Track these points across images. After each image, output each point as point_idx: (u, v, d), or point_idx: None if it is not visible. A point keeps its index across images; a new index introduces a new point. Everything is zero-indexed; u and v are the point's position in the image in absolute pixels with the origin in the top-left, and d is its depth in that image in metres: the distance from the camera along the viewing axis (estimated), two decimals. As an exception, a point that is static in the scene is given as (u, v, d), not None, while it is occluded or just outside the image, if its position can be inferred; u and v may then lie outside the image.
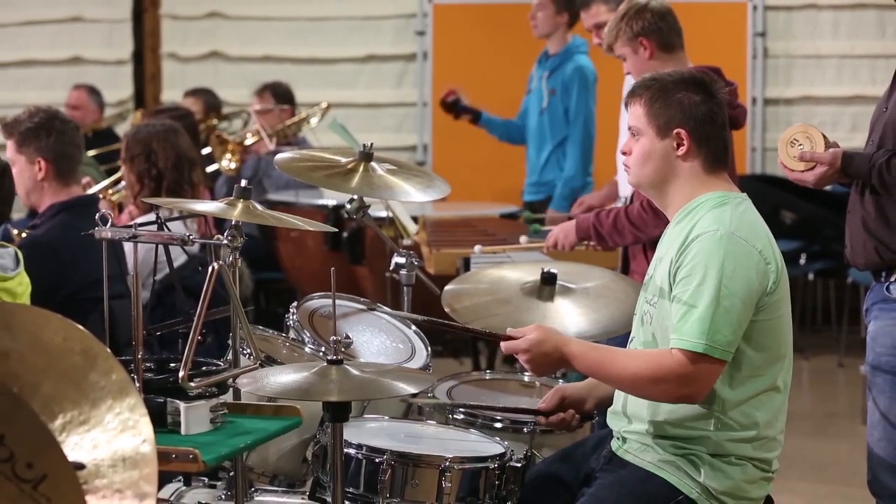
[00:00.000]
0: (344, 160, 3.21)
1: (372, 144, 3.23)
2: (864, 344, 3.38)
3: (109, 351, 1.98)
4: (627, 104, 2.93)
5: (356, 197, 3.63)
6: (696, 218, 2.81)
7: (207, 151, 6.28)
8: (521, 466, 2.90)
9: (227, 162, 6.42)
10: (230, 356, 2.86)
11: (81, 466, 1.89)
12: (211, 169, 6.23)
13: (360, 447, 2.84)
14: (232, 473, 2.93)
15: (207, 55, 8.28)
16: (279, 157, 3.24)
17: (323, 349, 3.16)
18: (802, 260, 7.06)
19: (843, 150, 3.29)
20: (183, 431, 2.59)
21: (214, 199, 5.00)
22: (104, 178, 5.60)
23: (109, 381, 1.95)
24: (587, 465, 2.94)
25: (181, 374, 2.51)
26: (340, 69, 8.14)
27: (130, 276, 2.70)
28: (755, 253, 2.76)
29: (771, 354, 2.80)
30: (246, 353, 2.89)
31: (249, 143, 6.69)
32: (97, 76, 8.10)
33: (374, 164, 3.20)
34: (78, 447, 1.90)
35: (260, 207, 2.83)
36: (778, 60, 7.70)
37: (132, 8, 8.38)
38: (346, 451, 2.77)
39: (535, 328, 2.85)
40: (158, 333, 2.96)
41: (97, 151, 6.64)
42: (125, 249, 3.76)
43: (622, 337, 3.14)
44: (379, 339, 3.41)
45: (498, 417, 3.17)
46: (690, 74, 2.93)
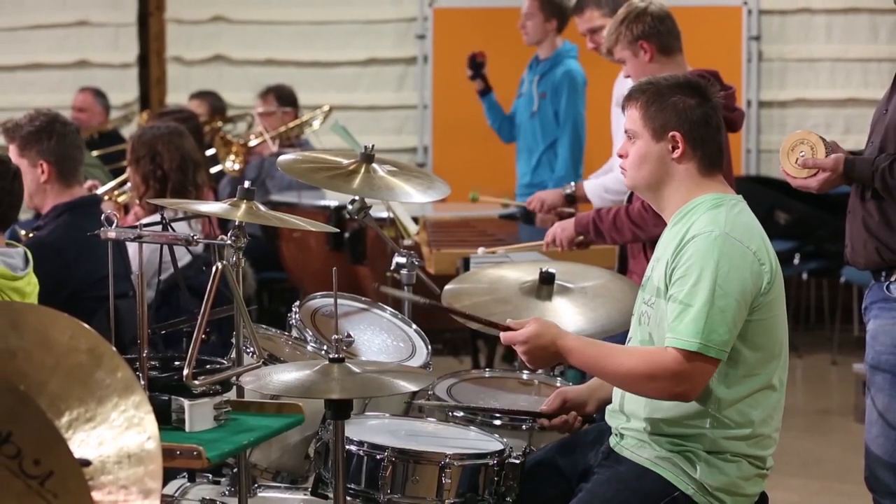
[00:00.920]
0: (345, 162, 3.24)
1: (373, 146, 3.25)
2: (857, 342, 3.41)
3: (115, 349, 2.00)
4: (624, 107, 2.95)
5: (357, 198, 3.64)
6: (692, 219, 2.83)
7: (212, 153, 6.30)
8: (519, 463, 2.91)
9: (230, 163, 6.44)
10: (234, 354, 2.87)
11: (87, 463, 1.91)
12: (215, 170, 6.24)
13: (361, 444, 2.85)
14: (235, 470, 2.95)
15: (212, 59, 8.30)
16: (282, 158, 3.26)
17: (325, 347, 3.18)
18: (796, 260, 7.08)
19: (844, 155, 3.31)
20: (187, 428, 2.60)
21: (218, 200, 5.02)
22: (110, 179, 5.62)
23: (115, 379, 1.97)
24: (585, 460, 2.96)
25: (185, 372, 2.53)
26: (342, 72, 8.15)
27: (135, 275, 2.72)
28: (750, 254, 2.78)
29: (766, 353, 2.82)
30: (249, 351, 2.90)
31: (253, 144, 6.70)
32: (103, 79, 8.13)
33: (375, 165, 3.22)
34: (84, 444, 1.93)
35: (263, 208, 2.85)
36: (772, 64, 7.73)
37: (138, 12, 8.39)
38: (347, 447, 2.77)
39: (533, 321, 2.86)
40: (163, 332, 2.97)
41: (103, 153, 6.66)
42: (129, 249, 3.80)
43: (620, 336, 3.15)
44: (380, 337, 3.43)
45: (497, 414, 3.19)
46: (686, 78, 2.96)
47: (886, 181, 3.22)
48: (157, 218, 3.12)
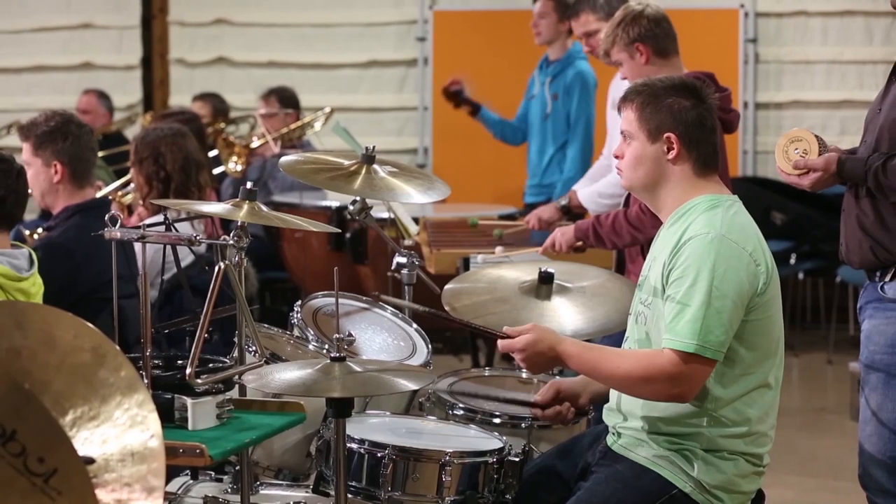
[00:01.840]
0: (347, 163, 3.24)
1: (374, 147, 3.26)
2: (852, 341, 3.43)
3: (119, 348, 2.01)
4: (619, 109, 2.97)
5: (359, 198, 3.65)
6: (688, 221, 2.85)
7: (214, 154, 6.31)
8: (519, 461, 2.92)
9: (233, 164, 6.44)
10: (236, 353, 2.88)
11: (91, 461, 1.91)
12: (217, 171, 6.25)
13: (362, 442, 2.86)
14: (238, 467, 2.96)
15: (214, 61, 8.33)
16: (284, 159, 3.26)
17: (326, 346, 3.19)
18: (792, 260, 7.09)
19: (837, 154, 3.31)
20: (190, 427, 2.62)
21: (221, 200, 5.03)
22: (114, 180, 5.64)
23: (119, 377, 1.97)
24: (583, 459, 2.97)
25: (188, 370, 2.55)
26: (343, 74, 8.17)
27: (140, 275, 2.73)
28: (745, 255, 2.79)
29: (762, 353, 2.83)
30: (251, 350, 2.90)
31: (255, 146, 6.71)
32: (107, 81, 8.15)
33: (376, 166, 3.23)
34: (88, 442, 1.93)
35: (265, 209, 2.86)
36: (769, 66, 7.75)
37: (141, 15, 8.41)
38: (348, 445, 2.78)
39: (531, 328, 2.88)
40: (166, 331, 2.97)
41: (107, 154, 6.67)
42: (136, 251, 3.82)
43: (617, 335, 3.17)
44: (381, 336, 3.44)
45: (497, 413, 3.20)
46: (681, 80, 2.97)
47: (880, 180, 3.22)
48: (160, 218, 3.14)
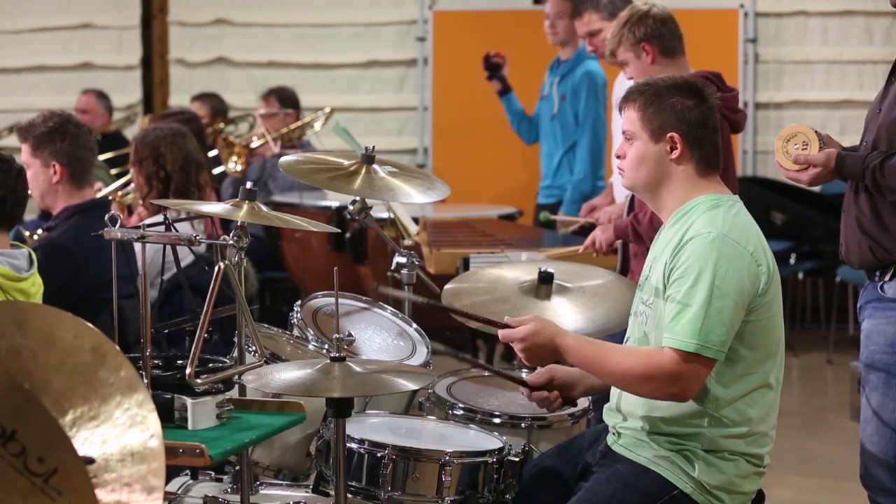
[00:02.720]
0: (346, 163, 3.25)
1: (374, 147, 3.27)
2: (852, 341, 3.43)
3: (118, 348, 2.01)
4: (622, 109, 2.97)
5: (358, 198, 3.65)
6: (690, 220, 2.84)
7: (214, 154, 6.32)
8: (518, 461, 2.93)
9: (233, 164, 6.45)
10: (236, 353, 2.89)
11: (91, 461, 1.91)
12: (217, 171, 6.26)
13: (362, 442, 2.87)
14: (238, 467, 2.96)
15: (214, 61, 8.33)
16: (284, 159, 3.27)
17: (326, 346, 3.20)
18: (792, 260, 7.09)
19: (836, 150, 3.31)
20: (190, 427, 2.62)
21: (221, 200, 5.03)
22: (113, 180, 5.64)
23: (118, 377, 1.97)
24: (584, 459, 2.97)
25: (188, 370, 2.55)
26: (343, 74, 8.18)
27: (140, 276, 2.73)
28: (747, 255, 2.79)
29: (763, 353, 2.83)
30: (251, 350, 2.90)
31: (255, 146, 6.72)
32: (107, 81, 8.15)
33: (375, 166, 3.23)
34: (88, 442, 1.93)
35: (265, 209, 2.86)
36: (768, 66, 7.76)
37: (141, 15, 8.42)
38: (348, 445, 2.79)
39: (532, 318, 2.87)
40: (166, 331, 2.98)
41: (106, 155, 6.68)
42: (136, 251, 3.82)
43: (618, 335, 3.16)
44: (380, 336, 3.45)
45: (497, 413, 3.20)
46: (683, 80, 2.97)
47: (877, 178, 3.23)
48: (160, 218, 3.14)
